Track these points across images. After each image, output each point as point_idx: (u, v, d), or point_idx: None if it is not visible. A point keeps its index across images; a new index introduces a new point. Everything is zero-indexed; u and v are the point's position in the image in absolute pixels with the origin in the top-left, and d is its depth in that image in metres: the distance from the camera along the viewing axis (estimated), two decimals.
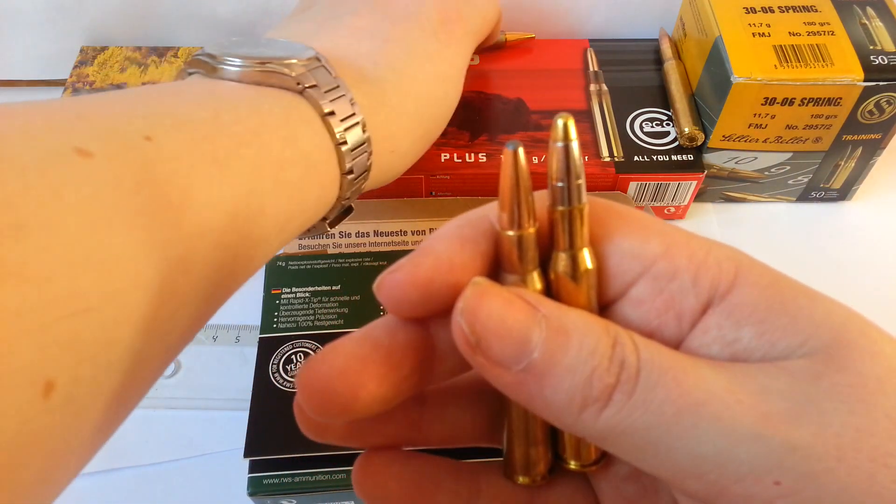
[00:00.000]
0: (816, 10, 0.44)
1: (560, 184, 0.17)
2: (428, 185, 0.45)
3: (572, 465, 0.20)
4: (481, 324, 0.16)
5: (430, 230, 0.42)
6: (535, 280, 0.18)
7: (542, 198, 0.19)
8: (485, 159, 0.45)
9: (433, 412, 0.21)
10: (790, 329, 0.17)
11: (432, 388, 0.22)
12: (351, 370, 0.17)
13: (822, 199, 0.49)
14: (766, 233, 0.47)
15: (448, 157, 0.45)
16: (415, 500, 0.20)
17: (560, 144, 0.17)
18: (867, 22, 0.43)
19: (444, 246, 0.18)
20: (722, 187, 0.47)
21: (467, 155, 0.45)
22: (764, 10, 0.44)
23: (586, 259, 0.18)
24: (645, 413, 0.15)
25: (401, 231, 0.42)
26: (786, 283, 0.18)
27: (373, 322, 0.19)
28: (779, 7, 0.44)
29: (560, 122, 0.16)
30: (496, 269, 0.19)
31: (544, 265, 0.19)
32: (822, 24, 0.43)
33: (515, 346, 0.16)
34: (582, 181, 0.17)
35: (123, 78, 0.49)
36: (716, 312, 0.17)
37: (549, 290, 0.18)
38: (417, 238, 0.41)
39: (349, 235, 0.41)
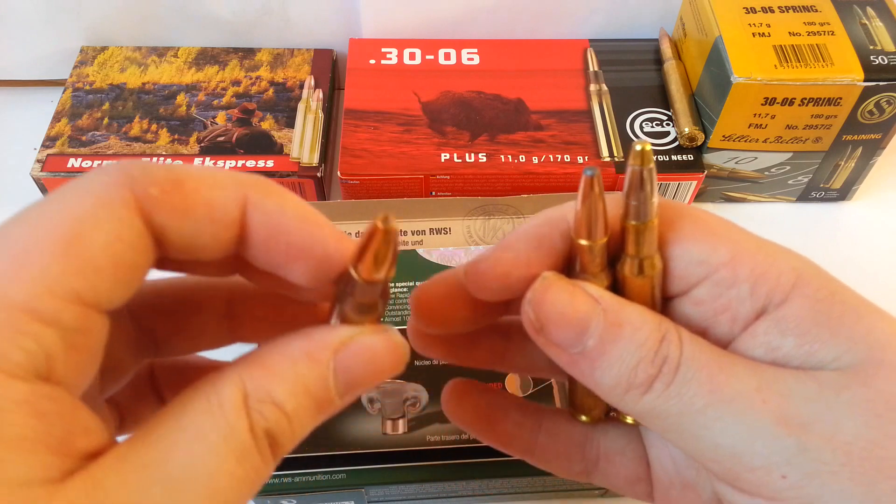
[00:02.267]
0: (816, 10, 0.44)
1: (634, 202, 0.19)
2: (428, 185, 0.45)
3: (626, 419, 0.24)
4: (545, 312, 0.19)
5: (430, 230, 0.42)
6: (603, 279, 0.20)
7: (613, 200, 0.20)
8: (485, 159, 0.45)
9: (516, 345, 0.24)
10: (829, 343, 0.18)
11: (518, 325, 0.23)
12: (445, 296, 0.21)
13: (822, 200, 0.49)
14: (766, 233, 0.46)
15: (448, 157, 0.45)
16: (486, 423, 0.24)
17: (637, 168, 0.18)
18: (867, 22, 0.43)
19: (523, 244, 0.20)
20: (722, 187, 0.47)
21: (467, 155, 0.45)
22: (764, 10, 0.44)
23: (652, 265, 0.19)
24: (679, 402, 0.18)
25: (400, 231, 0.42)
26: (841, 297, 0.19)
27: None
28: (779, 7, 0.44)
29: (639, 148, 0.18)
30: (568, 264, 0.20)
31: (613, 261, 0.20)
32: (822, 24, 0.43)
33: (574, 333, 0.18)
34: (655, 200, 0.19)
35: (123, 78, 0.49)
36: (766, 320, 0.19)
37: (616, 287, 0.20)
38: (417, 238, 0.41)
39: (349, 235, 0.41)
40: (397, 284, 0.37)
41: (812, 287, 0.18)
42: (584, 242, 0.19)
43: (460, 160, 0.45)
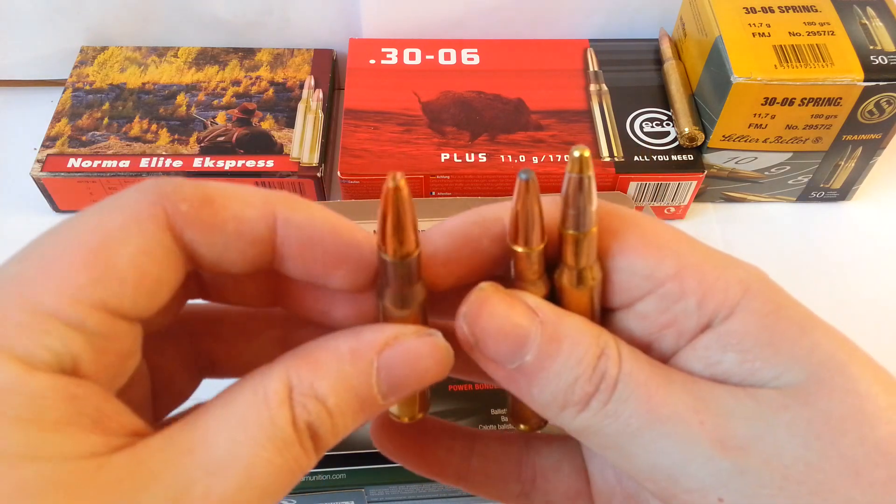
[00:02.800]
0: (816, 10, 0.44)
1: (573, 211, 0.18)
2: (428, 185, 0.45)
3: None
4: (481, 327, 0.18)
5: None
6: (541, 286, 0.19)
7: (552, 203, 0.19)
8: (485, 159, 0.45)
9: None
10: (770, 361, 0.17)
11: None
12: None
13: (822, 199, 0.49)
14: (766, 233, 0.47)
15: (448, 157, 0.45)
16: (416, 452, 0.23)
17: (575, 175, 0.17)
18: (867, 22, 0.43)
19: (445, 241, 0.19)
20: (722, 187, 0.47)
21: (467, 155, 0.45)
22: (764, 10, 0.44)
23: (592, 276, 0.19)
24: (615, 421, 0.17)
25: None
26: (786, 311, 0.18)
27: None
28: (779, 7, 0.44)
29: (577, 154, 0.17)
30: (495, 266, 0.19)
31: (551, 267, 0.19)
32: (822, 24, 0.43)
33: (512, 348, 0.18)
34: (594, 208, 0.18)
35: (123, 78, 0.49)
36: (709, 335, 0.18)
37: (553, 296, 0.19)
38: None
39: None
40: None
41: (758, 301, 0.18)
42: (520, 249, 0.18)
43: (460, 160, 0.45)
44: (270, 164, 0.45)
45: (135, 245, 0.16)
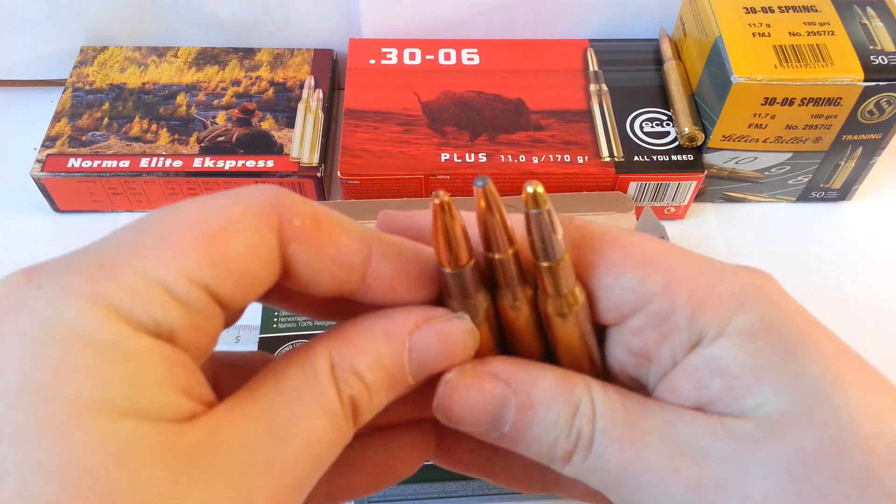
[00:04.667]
0: (816, 10, 0.44)
1: (540, 244, 0.18)
2: (428, 185, 0.45)
3: None
4: (455, 417, 0.19)
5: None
6: (527, 289, 0.19)
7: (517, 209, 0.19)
8: (485, 159, 0.45)
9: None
10: (753, 389, 0.18)
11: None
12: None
13: (822, 200, 0.49)
14: (766, 233, 0.47)
15: (448, 157, 0.45)
16: (439, 452, 0.23)
17: (534, 212, 0.17)
18: (867, 22, 0.43)
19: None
20: (722, 187, 0.47)
21: (467, 155, 0.45)
22: (764, 10, 0.44)
23: (575, 300, 0.19)
24: (597, 474, 0.18)
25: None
26: (778, 331, 0.18)
27: None
28: (779, 7, 0.44)
29: (530, 190, 0.17)
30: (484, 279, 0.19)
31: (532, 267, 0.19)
32: (822, 24, 0.43)
33: (489, 425, 0.19)
34: (560, 236, 0.18)
35: (123, 78, 0.49)
36: (698, 355, 0.18)
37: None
38: None
39: None
40: None
41: (749, 318, 0.18)
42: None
43: (460, 160, 0.45)
44: (270, 164, 0.45)
45: (248, 241, 0.17)
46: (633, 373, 0.20)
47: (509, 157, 0.45)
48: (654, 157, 0.45)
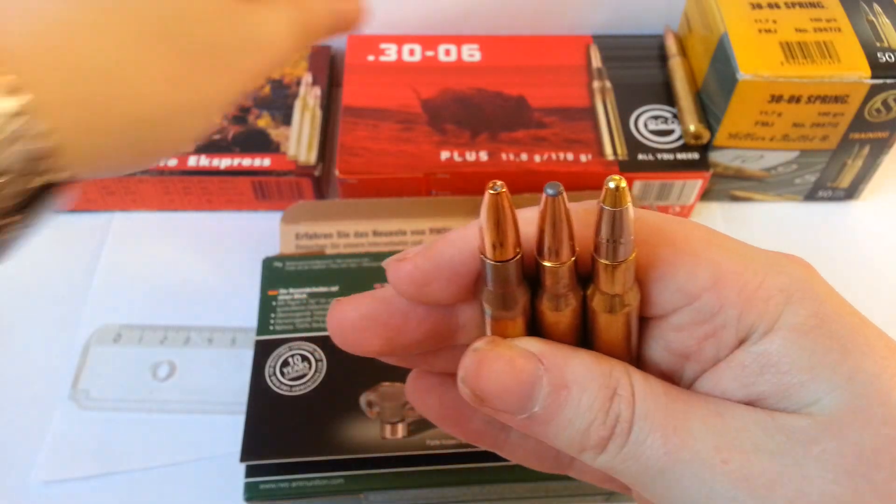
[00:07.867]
0: (823, 7, 0.43)
1: (608, 244, 0.17)
2: (428, 184, 0.44)
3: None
4: (482, 388, 0.18)
5: (430, 230, 0.41)
6: (571, 300, 0.18)
7: (581, 215, 0.18)
8: (486, 158, 0.44)
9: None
10: (807, 385, 0.17)
11: None
12: (360, 327, 0.20)
13: (829, 199, 0.48)
14: (773, 233, 0.47)
15: (448, 155, 0.44)
16: (453, 419, 0.23)
17: (609, 209, 0.16)
18: (874, 18, 0.43)
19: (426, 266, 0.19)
20: (728, 186, 0.47)
21: (468, 153, 0.44)
22: (770, 6, 0.44)
23: (627, 300, 0.18)
24: (636, 463, 0.17)
25: (399, 231, 0.41)
26: (830, 327, 0.17)
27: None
28: (785, 3, 0.44)
29: (612, 185, 0.16)
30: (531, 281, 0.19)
31: (584, 279, 0.18)
32: (828, 21, 0.43)
33: (518, 403, 0.18)
34: (631, 238, 0.17)
35: None
36: (747, 352, 0.17)
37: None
38: (417, 238, 0.41)
39: (347, 235, 0.41)
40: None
41: (800, 314, 0.17)
42: (548, 264, 0.17)
43: (461, 159, 0.44)
44: (267, 162, 0.44)
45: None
46: (667, 367, 0.19)
47: (510, 155, 0.44)
48: (659, 156, 0.44)
